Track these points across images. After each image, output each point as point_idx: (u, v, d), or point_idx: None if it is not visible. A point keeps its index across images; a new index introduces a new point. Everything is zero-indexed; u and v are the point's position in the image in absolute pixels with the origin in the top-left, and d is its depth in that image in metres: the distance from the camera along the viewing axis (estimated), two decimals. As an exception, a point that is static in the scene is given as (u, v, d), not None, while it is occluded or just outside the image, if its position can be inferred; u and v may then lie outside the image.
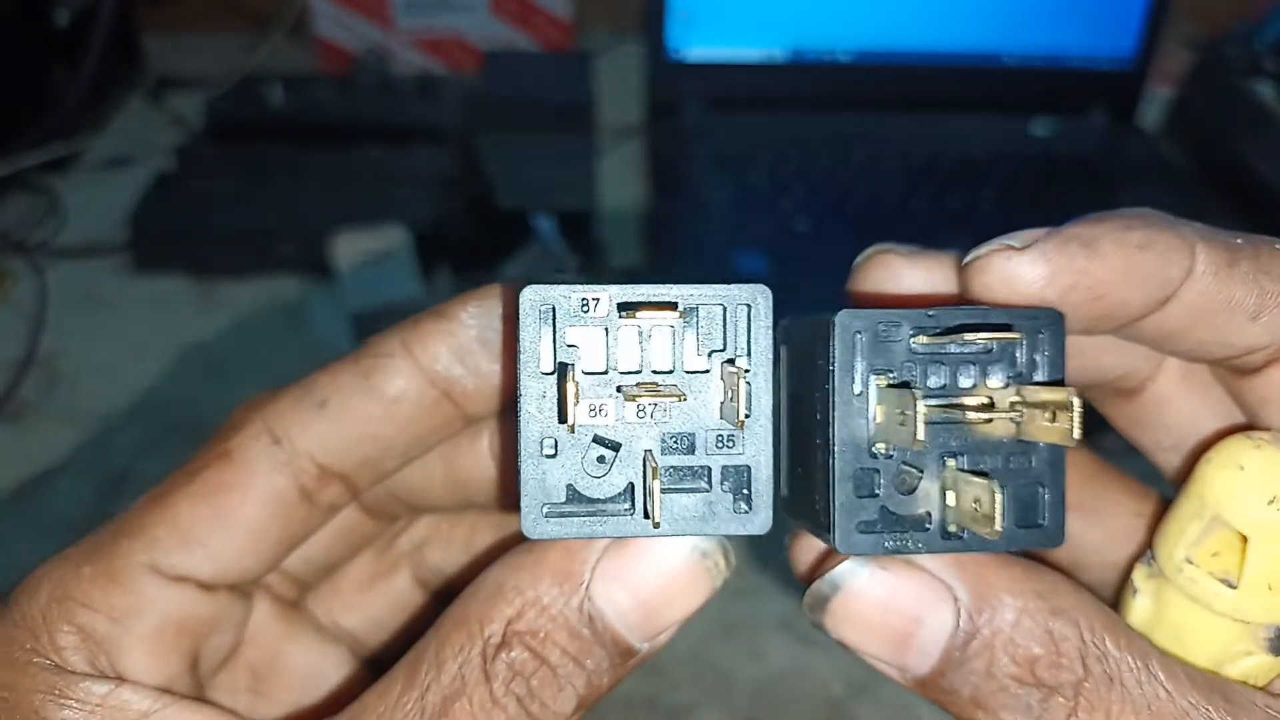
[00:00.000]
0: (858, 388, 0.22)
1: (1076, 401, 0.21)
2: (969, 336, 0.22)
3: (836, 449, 0.22)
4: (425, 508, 0.30)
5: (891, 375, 0.22)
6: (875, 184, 0.95)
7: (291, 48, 1.15)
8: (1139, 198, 1.00)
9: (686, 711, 0.57)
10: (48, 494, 0.69)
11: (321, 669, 0.29)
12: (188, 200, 0.89)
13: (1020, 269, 0.22)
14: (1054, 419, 0.22)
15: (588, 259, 0.86)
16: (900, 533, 0.22)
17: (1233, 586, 0.24)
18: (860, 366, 0.22)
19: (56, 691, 0.23)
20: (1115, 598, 0.27)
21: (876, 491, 0.23)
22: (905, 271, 0.25)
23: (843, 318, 0.22)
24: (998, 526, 0.21)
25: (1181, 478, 0.26)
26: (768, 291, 0.22)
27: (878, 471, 0.23)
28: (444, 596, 0.30)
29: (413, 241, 0.81)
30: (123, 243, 0.88)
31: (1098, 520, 0.28)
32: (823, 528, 0.23)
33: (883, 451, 0.22)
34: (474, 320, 0.25)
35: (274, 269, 0.87)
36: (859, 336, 0.22)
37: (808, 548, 0.26)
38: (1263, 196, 0.93)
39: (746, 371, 0.22)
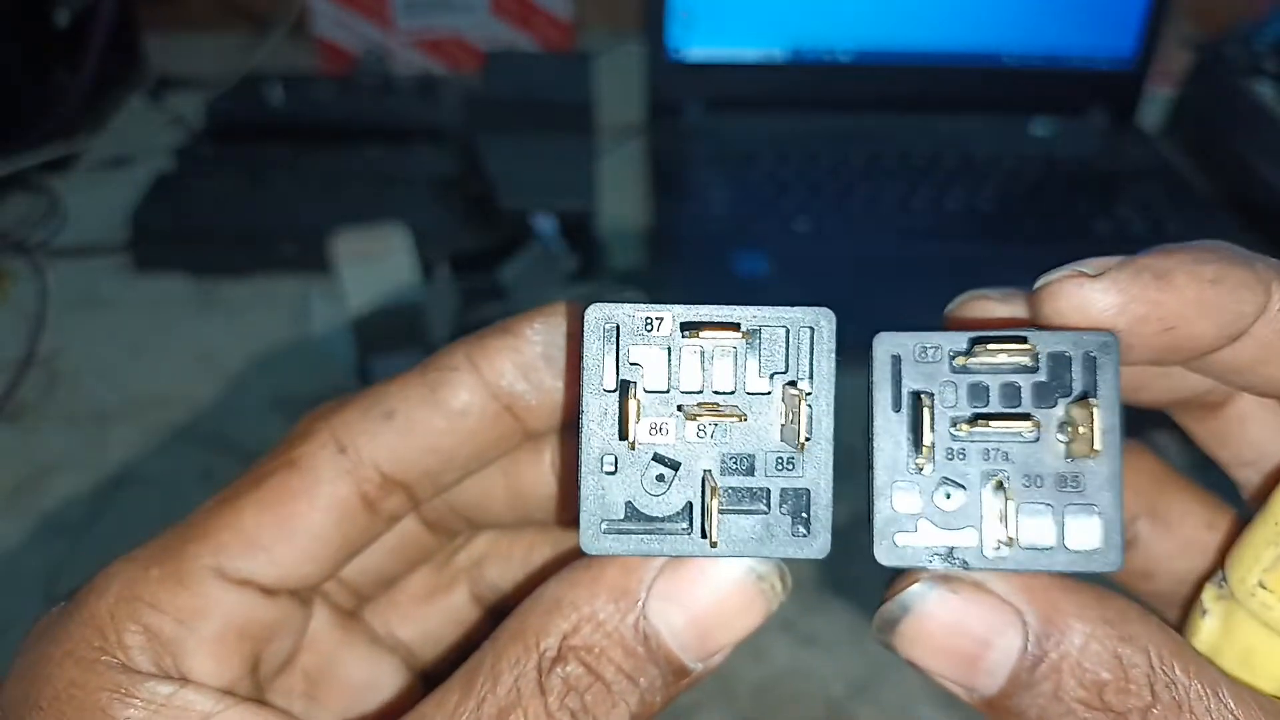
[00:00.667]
0: (895, 406, 0.23)
1: (1097, 412, 0.22)
2: (980, 348, 0.22)
3: (875, 465, 0.23)
4: (485, 523, 0.30)
5: (928, 394, 0.23)
6: (875, 184, 0.95)
7: (291, 48, 1.15)
8: (1139, 198, 1.00)
9: (687, 712, 0.57)
10: (47, 494, 0.69)
11: (376, 679, 0.30)
12: (188, 200, 0.90)
13: (1092, 296, 0.23)
14: (1087, 434, 0.22)
15: (588, 259, 0.86)
16: (941, 547, 0.23)
17: None
18: (899, 385, 0.23)
19: (123, 690, 0.23)
20: (1183, 611, 0.27)
21: (916, 507, 0.23)
22: (999, 314, 0.25)
23: (880, 337, 0.23)
24: (1013, 534, 0.22)
25: (1260, 495, 0.26)
26: (831, 314, 0.23)
27: (918, 487, 0.23)
28: (499, 613, 0.31)
29: (413, 241, 0.81)
30: (123, 243, 0.88)
31: (1168, 530, 0.28)
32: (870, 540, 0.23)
33: (922, 468, 0.23)
34: (539, 337, 0.26)
35: (274, 269, 0.87)
36: (897, 356, 0.23)
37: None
38: (1263, 196, 0.93)
39: (808, 394, 0.23)
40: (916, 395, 0.23)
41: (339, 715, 0.29)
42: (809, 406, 0.22)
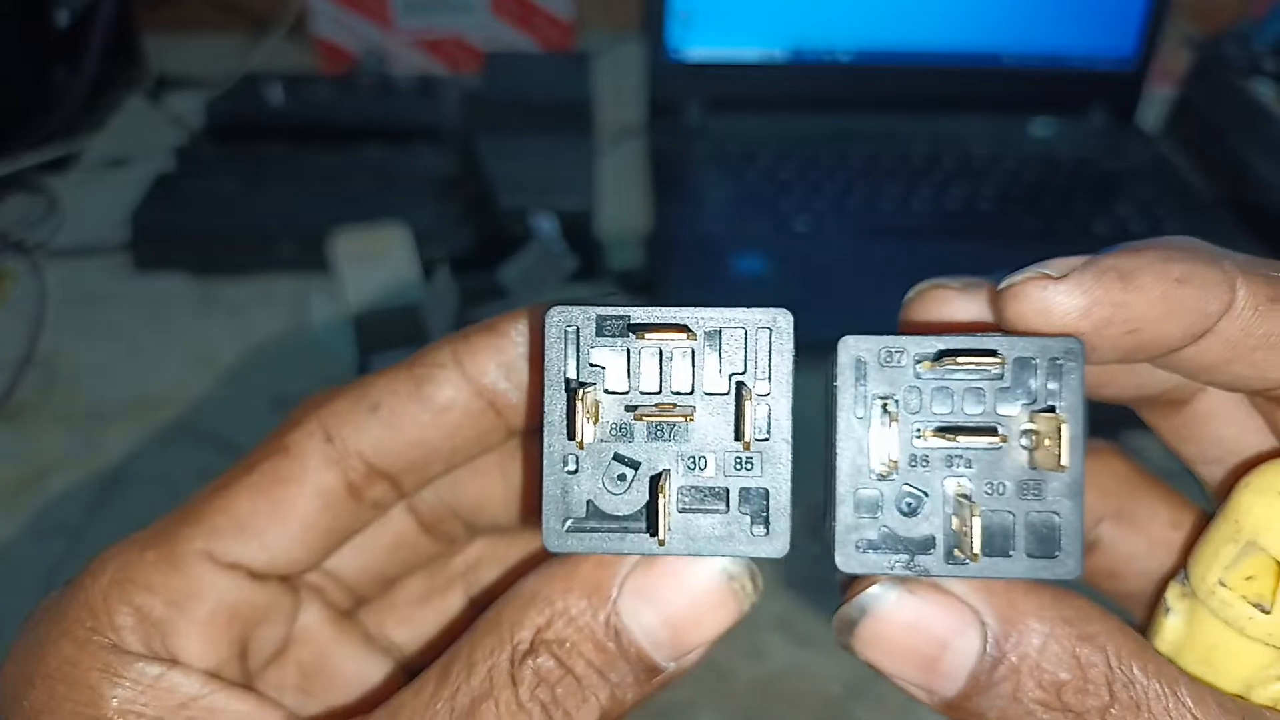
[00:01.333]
0: (859, 410, 0.23)
1: (1065, 428, 0.22)
2: (950, 361, 0.22)
3: (838, 470, 0.23)
4: (483, 526, 0.31)
5: (894, 399, 0.23)
6: (875, 184, 0.95)
7: (291, 48, 1.15)
8: (1139, 198, 1.00)
9: (685, 711, 0.57)
10: (46, 493, 0.69)
11: (368, 677, 0.30)
12: (188, 200, 0.90)
13: (1055, 299, 0.22)
14: (1051, 446, 0.22)
15: (588, 259, 0.86)
16: (902, 554, 0.23)
17: (1266, 611, 0.24)
18: (863, 390, 0.23)
19: (112, 670, 0.24)
20: (1148, 610, 0.27)
21: (878, 513, 0.23)
22: (959, 305, 0.25)
23: (845, 341, 0.23)
24: (975, 549, 0.22)
25: (1224, 492, 0.26)
26: (788, 314, 0.23)
27: (880, 493, 0.23)
28: None
29: (413, 241, 0.81)
30: (123, 243, 0.88)
31: (1135, 529, 0.28)
32: (830, 548, 0.23)
33: (884, 473, 0.23)
34: (521, 338, 0.26)
35: (274, 269, 0.87)
36: (862, 360, 0.23)
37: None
38: (1263, 196, 0.93)
39: (765, 395, 0.23)
40: (880, 401, 0.23)
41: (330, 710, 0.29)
42: (767, 407, 0.23)
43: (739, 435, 0.23)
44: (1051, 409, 0.22)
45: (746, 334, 0.23)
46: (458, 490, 0.29)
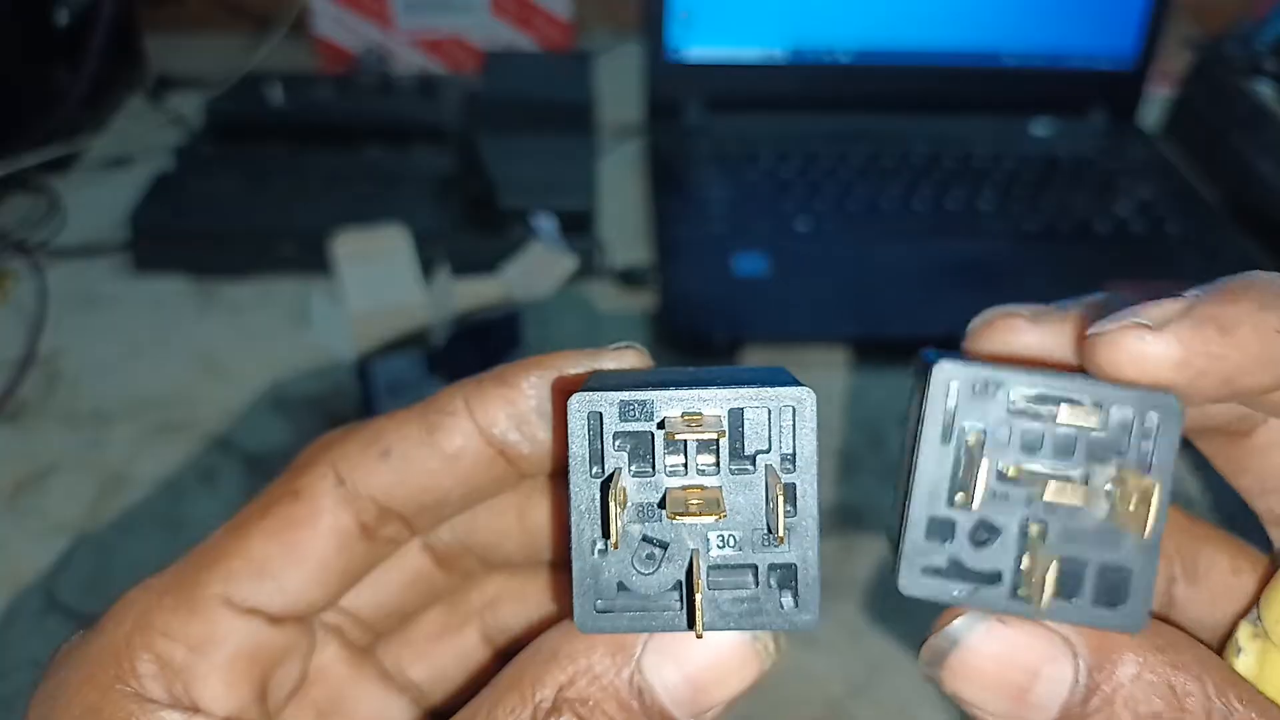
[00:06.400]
0: (945, 438, 0.23)
1: (1157, 496, 0.21)
2: (1047, 406, 0.22)
3: (914, 492, 0.23)
4: (498, 562, 0.31)
5: (982, 432, 0.23)
6: (875, 184, 0.95)
7: (291, 48, 1.15)
8: (1139, 198, 1.00)
9: (686, 711, 0.57)
10: (47, 494, 0.69)
11: (384, 716, 0.30)
12: (188, 200, 0.89)
13: (1152, 351, 0.22)
14: (1137, 507, 0.22)
15: (588, 259, 0.86)
16: (967, 584, 0.23)
17: None
18: (952, 417, 0.23)
19: (136, 719, 0.24)
20: (1219, 650, 0.27)
21: (948, 540, 0.23)
22: (1030, 336, 0.25)
23: (942, 366, 0.23)
24: (1043, 605, 0.22)
25: None
26: (812, 393, 0.23)
27: (954, 522, 0.23)
28: (508, 655, 0.32)
29: (413, 241, 0.81)
30: (123, 243, 0.88)
31: (1198, 582, 0.28)
32: (895, 567, 0.23)
33: (961, 503, 0.23)
34: (534, 391, 0.26)
35: (274, 269, 0.87)
36: (955, 386, 0.23)
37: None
38: (1263, 196, 0.93)
39: (790, 472, 0.23)
40: (968, 431, 0.23)
41: None
42: (792, 485, 0.23)
43: (770, 527, 0.23)
44: (1144, 468, 0.22)
45: (770, 413, 0.23)
46: (473, 528, 0.29)
